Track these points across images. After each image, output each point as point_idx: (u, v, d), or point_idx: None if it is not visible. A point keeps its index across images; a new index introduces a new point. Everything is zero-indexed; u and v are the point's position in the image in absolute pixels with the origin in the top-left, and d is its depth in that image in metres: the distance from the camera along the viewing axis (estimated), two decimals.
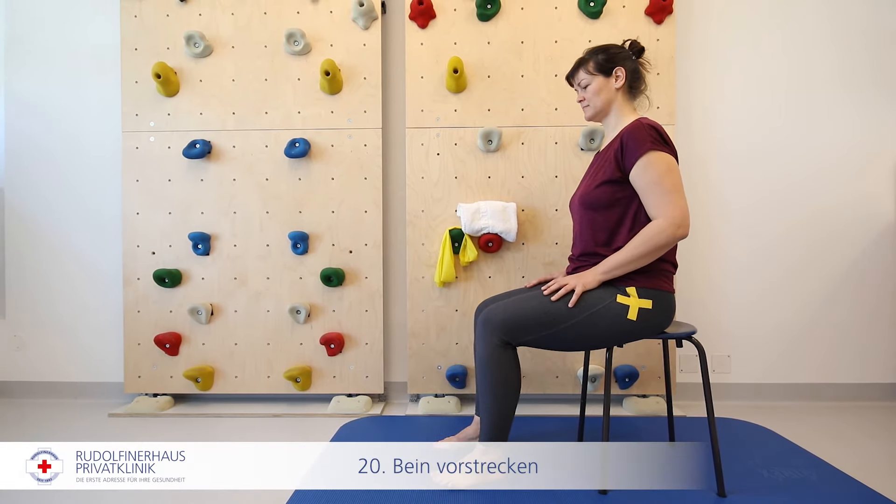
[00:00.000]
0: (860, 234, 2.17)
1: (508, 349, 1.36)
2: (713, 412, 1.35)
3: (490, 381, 1.35)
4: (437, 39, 2.09)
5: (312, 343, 2.13)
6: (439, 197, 2.09)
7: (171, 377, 2.13)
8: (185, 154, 2.09)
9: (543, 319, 1.32)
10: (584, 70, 1.47)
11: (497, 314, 1.35)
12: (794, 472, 1.48)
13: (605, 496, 1.35)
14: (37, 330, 2.27)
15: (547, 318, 1.32)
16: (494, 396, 1.35)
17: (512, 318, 1.33)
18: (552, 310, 1.33)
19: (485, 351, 1.35)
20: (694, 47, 2.17)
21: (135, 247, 2.14)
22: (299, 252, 2.11)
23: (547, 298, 1.35)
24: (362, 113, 2.12)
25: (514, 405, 1.38)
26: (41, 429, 1.92)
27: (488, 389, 1.36)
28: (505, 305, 1.36)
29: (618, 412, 2.03)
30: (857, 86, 2.16)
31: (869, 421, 1.97)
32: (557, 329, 1.32)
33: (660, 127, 1.36)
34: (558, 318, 1.32)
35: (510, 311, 1.35)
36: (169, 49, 2.13)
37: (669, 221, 1.28)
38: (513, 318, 1.33)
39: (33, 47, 2.25)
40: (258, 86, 2.13)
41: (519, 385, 1.38)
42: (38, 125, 2.26)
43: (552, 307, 1.33)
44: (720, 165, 2.18)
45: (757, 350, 2.19)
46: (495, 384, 1.35)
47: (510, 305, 1.36)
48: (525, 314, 1.34)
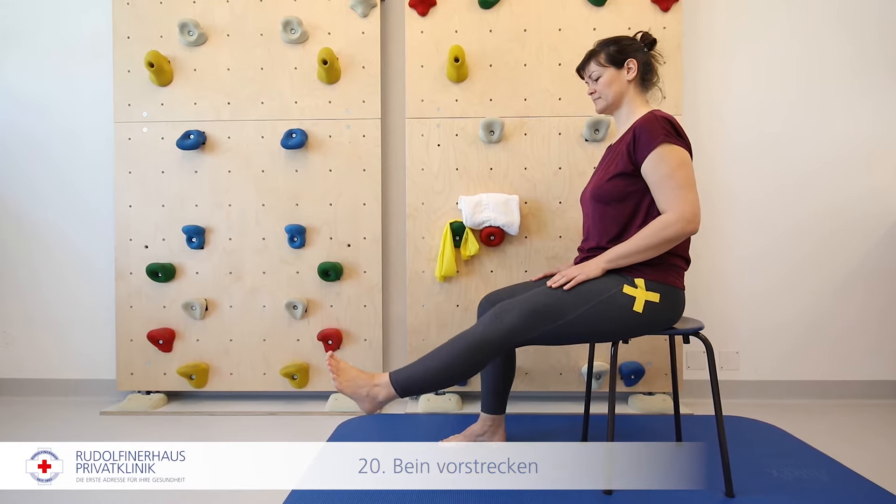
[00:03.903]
0: (871, 228, 2.13)
1: (502, 350, 1.31)
2: (721, 410, 1.33)
3: (460, 356, 1.28)
4: (438, 27, 2.05)
5: (310, 339, 2.08)
6: (440, 189, 2.05)
7: (165, 374, 2.09)
8: (179, 145, 2.04)
9: (548, 313, 1.29)
10: (596, 62, 1.46)
11: (513, 309, 1.29)
12: (804, 471, 1.45)
13: (611, 496, 1.32)
14: (26, 325, 2.23)
15: (552, 312, 1.29)
16: (448, 370, 1.28)
17: (527, 313, 1.28)
18: (557, 302, 1.30)
19: (482, 337, 1.28)
20: (701, 35, 2.12)
21: (127, 240, 2.10)
22: (296, 246, 2.06)
23: (552, 292, 1.32)
24: (361, 103, 2.07)
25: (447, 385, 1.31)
26: (31, 428, 1.87)
27: (447, 359, 1.28)
28: (516, 301, 1.30)
29: (623, 410, 2.00)
30: (869, 75, 2.11)
31: (880, 419, 1.94)
32: (562, 321, 1.29)
33: (674, 119, 1.34)
34: (563, 310, 1.29)
35: (522, 305, 1.29)
36: (162, 37, 2.08)
37: (679, 216, 1.26)
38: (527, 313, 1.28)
39: (22, 35, 2.20)
40: (254, 75, 2.08)
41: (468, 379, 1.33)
42: (28, 115, 2.21)
43: (556, 300, 1.30)
44: (728, 157, 2.13)
45: (766, 346, 2.15)
46: (462, 362, 1.28)
47: (518, 302, 1.30)
48: (533, 308, 1.29)
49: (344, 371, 1.34)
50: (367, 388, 1.31)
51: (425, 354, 1.34)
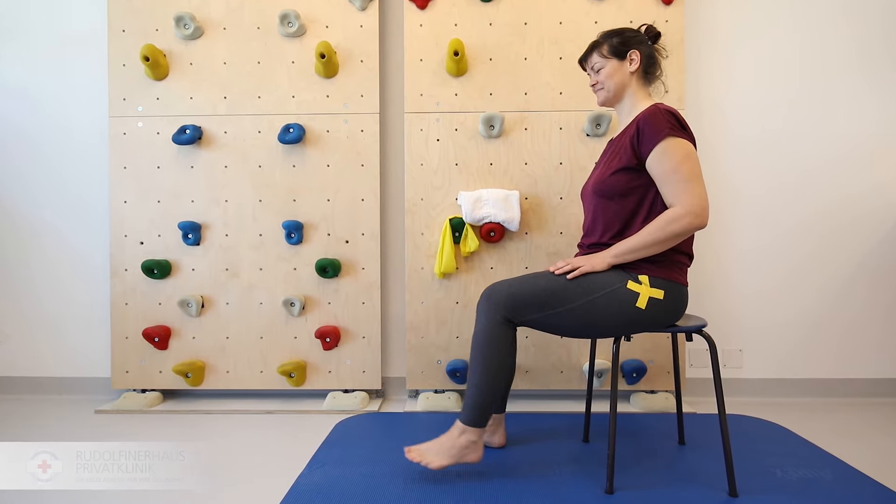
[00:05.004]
0: (876, 224, 2.10)
1: (510, 327, 1.32)
2: (724, 408, 1.31)
3: (485, 357, 1.32)
4: (437, 21, 2.02)
5: (307, 337, 2.06)
6: (439, 185, 2.02)
7: (160, 372, 2.06)
8: (175, 140, 2.01)
9: (549, 299, 1.29)
10: (598, 53, 1.44)
11: (502, 290, 1.32)
12: (809, 470, 1.43)
13: (612, 496, 1.30)
14: (20, 323, 2.20)
15: (553, 298, 1.29)
16: (486, 374, 1.31)
17: (517, 295, 1.30)
18: (559, 289, 1.29)
19: (486, 326, 1.32)
20: (704, 29, 2.10)
21: (122, 236, 2.07)
22: (293, 242, 2.04)
23: (555, 278, 1.32)
24: (359, 97, 2.05)
25: (502, 387, 1.35)
26: (25, 426, 1.84)
27: (481, 366, 1.32)
28: (510, 282, 1.33)
29: (625, 409, 1.98)
30: (874, 70, 2.09)
31: (885, 417, 1.92)
32: (563, 309, 1.28)
33: (677, 112, 1.32)
34: (565, 298, 1.28)
35: (515, 287, 1.31)
36: (158, 31, 2.05)
37: (687, 210, 1.24)
38: (518, 295, 1.30)
39: (15, 28, 2.17)
40: (251, 69, 2.05)
41: (513, 368, 1.35)
42: (21, 110, 2.17)
43: (559, 287, 1.30)
44: (731, 152, 2.11)
45: (770, 344, 2.13)
46: (490, 361, 1.31)
47: (516, 282, 1.33)
48: (531, 292, 1.30)
49: (428, 452, 1.35)
50: (455, 446, 1.33)
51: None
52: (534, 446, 1.59)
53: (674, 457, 1.53)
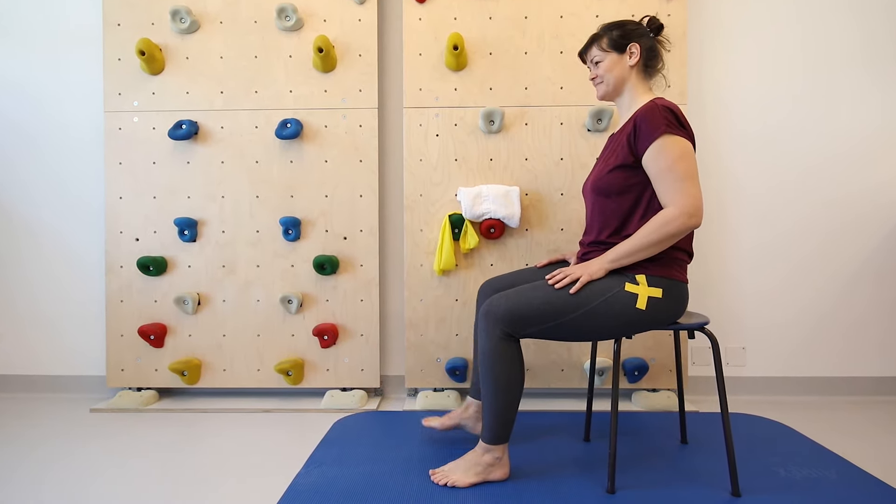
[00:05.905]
0: (880, 222, 2.08)
1: (511, 342, 1.30)
2: (727, 407, 1.29)
3: (494, 375, 1.30)
4: (436, 14, 1.99)
5: (305, 334, 2.04)
6: (438, 180, 2.00)
7: (156, 370, 2.04)
8: (171, 135, 1.99)
9: (548, 311, 1.26)
10: (598, 46, 1.42)
11: (500, 306, 1.28)
12: (813, 470, 1.41)
13: (614, 496, 1.28)
14: (14, 321, 2.17)
15: (551, 310, 1.26)
16: (498, 391, 1.30)
17: (515, 311, 1.27)
18: (557, 301, 1.26)
19: (487, 344, 1.30)
20: (706, 23, 2.08)
21: (118, 233, 2.05)
22: (291, 239, 2.02)
23: (552, 289, 1.29)
24: (357, 92, 2.02)
25: (517, 400, 1.32)
26: (19, 425, 1.82)
27: (493, 385, 1.30)
28: (507, 296, 1.29)
29: (626, 407, 1.96)
30: (878, 64, 2.06)
31: (890, 416, 1.90)
32: (563, 320, 1.26)
33: (676, 108, 1.29)
34: (563, 309, 1.26)
35: (513, 302, 1.27)
36: (154, 24, 2.03)
37: (681, 210, 1.23)
38: (516, 310, 1.27)
39: (8, 22, 2.14)
40: (248, 63, 2.03)
41: (523, 379, 1.33)
42: (14, 105, 2.15)
43: (557, 298, 1.27)
44: (734, 148, 2.09)
45: (773, 342, 2.11)
46: (498, 378, 1.30)
47: (513, 296, 1.29)
48: (528, 305, 1.27)
49: (453, 471, 1.34)
50: (480, 463, 1.33)
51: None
52: (534, 445, 1.57)
53: (676, 456, 1.51)
